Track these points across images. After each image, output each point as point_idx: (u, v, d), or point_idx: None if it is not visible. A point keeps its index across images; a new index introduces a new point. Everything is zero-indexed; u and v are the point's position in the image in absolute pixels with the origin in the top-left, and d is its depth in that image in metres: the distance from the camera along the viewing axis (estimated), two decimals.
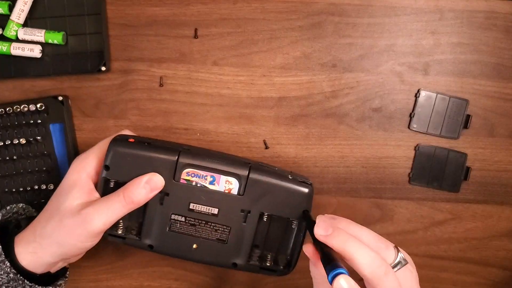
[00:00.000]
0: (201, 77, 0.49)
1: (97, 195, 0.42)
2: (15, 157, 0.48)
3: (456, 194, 0.50)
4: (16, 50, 0.47)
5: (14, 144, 0.48)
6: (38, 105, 0.48)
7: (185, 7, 0.48)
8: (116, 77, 0.49)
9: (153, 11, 0.48)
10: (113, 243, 0.51)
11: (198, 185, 0.41)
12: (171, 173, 0.41)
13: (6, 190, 0.49)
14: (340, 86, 0.49)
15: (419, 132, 0.49)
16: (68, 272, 0.46)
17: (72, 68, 0.48)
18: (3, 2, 0.47)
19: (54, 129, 0.49)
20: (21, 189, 0.49)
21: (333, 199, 0.50)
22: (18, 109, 0.48)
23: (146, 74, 0.49)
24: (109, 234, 0.43)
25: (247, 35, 0.49)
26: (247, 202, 0.42)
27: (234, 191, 0.42)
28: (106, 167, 0.41)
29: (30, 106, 0.48)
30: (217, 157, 0.42)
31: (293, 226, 0.43)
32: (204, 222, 0.42)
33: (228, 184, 0.42)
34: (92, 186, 0.42)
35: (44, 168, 0.49)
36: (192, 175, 0.41)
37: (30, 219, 0.44)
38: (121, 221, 0.43)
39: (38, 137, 0.48)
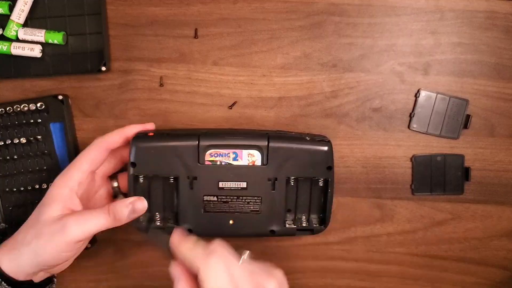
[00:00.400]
0: (201, 77, 0.49)
1: (80, 207, 0.42)
2: (15, 157, 0.48)
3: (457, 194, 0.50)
4: (17, 49, 0.47)
5: (15, 143, 0.48)
6: (38, 105, 0.48)
7: (185, 7, 0.48)
8: (116, 77, 0.49)
9: (153, 11, 0.48)
10: (114, 243, 0.51)
11: (223, 163, 0.44)
12: (195, 157, 0.43)
13: (7, 189, 0.49)
14: (340, 86, 0.49)
15: (419, 132, 0.49)
16: (54, 285, 0.46)
17: (72, 68, 0.48)
18: (3, 2, 0.47)
19: (55, 128, 0.49)
20: (22, 188, 0.49)
21: (334, 199, 0.50)
22: (18, 109, 0.48)
23: (146, 74, 0.49)
24: (147, 228, 0.43)
25: (247, 35, 0.49)
26: (272, 170, 0.44)
27: (258, 162, 0.44)
28: (133, 164, 0.43)
29: (30, 105, 0.48)
30: (236, 134, 0.45)
31: (320, 184, 0.46)
32: (235, 198, 0.44)
33: (250, 157, 0.44)
34: (76, 200, 0.42)
35: (45, 167, 0.49)
36: (215, 155, 0.44)
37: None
38: (157, 213, 0.45)
39: (39, 136, 0.48)
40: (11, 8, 0.47)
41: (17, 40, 0.48)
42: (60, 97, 0.48)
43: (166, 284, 0.52)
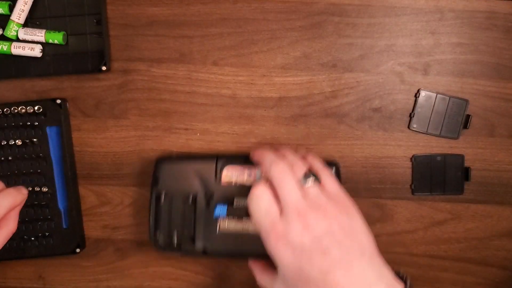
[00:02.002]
0: (201, 77, 0.49)
1: None
2: (10, 158, 0.49)
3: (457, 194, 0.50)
4: (17, 49, 0.47)
5: (10, 145, 0.48)
6: (36, 107, 0.48)
7: (185, 7, 0.48)
8: (116, 77, 0.49)
9: (153, 11, 0.48)
10: (114, 243, 0.51)
11: (238, 182, 0.46)
12: (213, 176, 0.46)
13: None
14: (340, 86, 0.49)
15: (419, 132, 0.49)
16: None
17: (73, 68, 0.48)
18: (3, 2, 0.47)
19: (51, 132, 0.49)
20: None
21: None
22: (16, 110, 0.48)
23: (146, 74, 0.49)
24: (164, 249, 0.46)
25: (247, 35, 0.49)
26: None
27: None
28: (156, 182, 0.45)
29: (28, 108, 0.48)
30: (248, 154, 0.46)
31: None
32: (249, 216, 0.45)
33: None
34: None
35: (39, 171, 0.49)
36: (231, 173, 0.46)
37: None
38: (176, 231, 0.46)
39: (34, 139, 0.48)
40: (11, 8, 0.47)
41: (18, 40, 0.48)
42: (58, 101, 0.48)
43: (166, 284, 0.52)
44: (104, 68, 0.48)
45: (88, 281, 0.52)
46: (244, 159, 0.46)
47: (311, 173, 0.40)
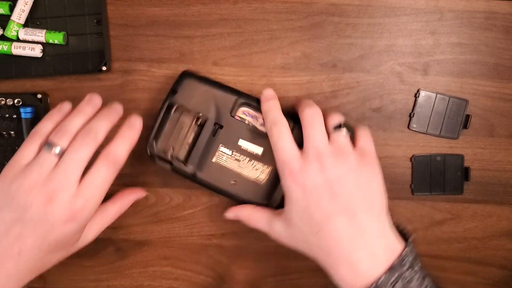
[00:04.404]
0: None
1: None
2: None
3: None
4: (17, 49, 0.47)
5: None
6: (16, 100, 0.48)
7: (186, 7, 0.48)
8: (116, 77, 0.49)
9: (154, 11, 0.49)
10: (114, 243, 0.51)
11: (250, 124, 0.45)
12: (229, 108, 0.45)
13: None
14: (340, 86, 0.49)
15: (418, 132, 0.49)
16: None
17: (73, 68, 0.49)
18: (4, 2, 0.47)
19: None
20: None
21: None
22: None
23: (147, 74, 0.49)
24: (158, 157, 0.45)
25: (247, 35, 0.49)
26: None
27: None
28: (173, 92, 0.45)
29: (8, 100, 0.48)
30: None
31: None
32: (247, 160, 0.45)
33: None
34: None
35: None
36: (247, 114, 0.46)
37: None
38: (173, 147, 0.46)
39: (12, 132, 0.49)
40: (12, 8, 0.47)
41: (18, 40, 0.48)
42: (39, 96, 0.48)
43: (166, 284, 0.52)
44: (104, 68, 0.48)
45: (88, 281, 0.52)
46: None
47: (347, 126, 0.41)
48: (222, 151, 0.45)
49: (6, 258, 0.37)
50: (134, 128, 0.41)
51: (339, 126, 0.41)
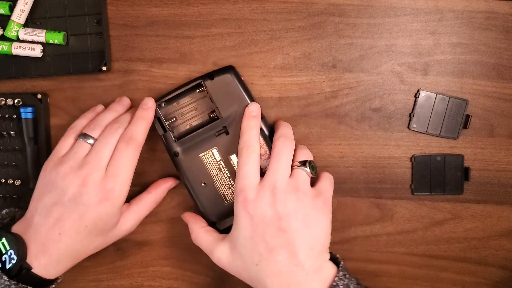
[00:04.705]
0: None
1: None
2: None
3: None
4: (17, 49, 0.47)
5: None
6: (16, 100, 0.48)
7: (186, 8, 0.48)
8: (116, 77, 0.49)
9: (154, 11, 0.49)
10: (114, 243, 0.51)
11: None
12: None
13: None
14: (340, 86, 0.49)
15: (418, 132, 0.49)
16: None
17: (73, 68, 0.49)
18: (4, 2, 0.47)
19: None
20: None
21: (333, 199, 0.50)
22: None
23: (147, 75, 0.49)
24: (158, 118, 0.45)
25: (247, 36, 0.49)
26: None
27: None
28: (211, 76, 0.45)
29: (8, 100, 0.48)
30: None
31: None
32: (227, 175, 0.45)
33: None
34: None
35: (14, 163, 0.49)
36: None
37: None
38: (176, 117, 0.46)
39: (12, 132, 0.49)
40: (12, 8, 0.47)
41: (18, 40, 0.48)
42: (39, 96, 0.48)
43: (166, 284, 0.52)
44: (104, 68, 0.48)
45: (88, 281, 0.52)
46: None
47: (312, 165, 0.42)
48: (212, 153, 0.45)
49: (49, 242, 0.40)
50: (147, 108, 0.44)
51: (304, 163, 0.41)
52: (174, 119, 0.46)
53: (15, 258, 0.39)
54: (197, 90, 0.46)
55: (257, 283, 0.40)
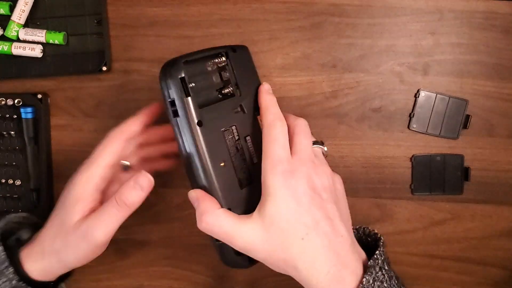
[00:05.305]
0: None
1: (99, 205, 0.41)
2: None
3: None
4: (17, 49, 0.47)
5: None
6: (16, 100, 0.48)
7: (186, 8, 0.48)
8: (117, 77, 0.49)
9: (154, 11, 0.49)
10: (114, 243, 0.51)
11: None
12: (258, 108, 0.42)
13: None
14: (340, 86, 0.49)
15: (418, 132, 0.49)
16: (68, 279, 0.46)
17: (73, 68, 0.49)
18: (4, 2, 0.47)
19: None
20: None
21: None
22: None
23: (147, 75, 0.49)
24: (175, 79, 0.38)
25: (247, 36, 0.49)
26: None
27: None
28: (233, 49, 0.41)
29: (8, 100, 0.48)
30: None
31: None
32: (243, 158, 0.40)
33: None
34: (98, 197, 0.41)
35: (14, 163, 0.49)
36: None
37: (32, 227, 0.44)
38: (194, 84, 0.39)
39: (12, 132, 0.49)
40: (12, 8, 0.47)
41: (18, 40, 0.48)
42: (39, 96, 0.48)
43: (167, 284, 0.52)
44: (104, 68, 0.48)
45: (88, 281, 0.52)
46: None
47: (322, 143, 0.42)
48: (232, 130, 0.40)
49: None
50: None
51: (317, 142, 0.41)
52: (193, 84, 0.39)
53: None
54: (216, 60, 0.41)
55: (297, 261, 0.36)
